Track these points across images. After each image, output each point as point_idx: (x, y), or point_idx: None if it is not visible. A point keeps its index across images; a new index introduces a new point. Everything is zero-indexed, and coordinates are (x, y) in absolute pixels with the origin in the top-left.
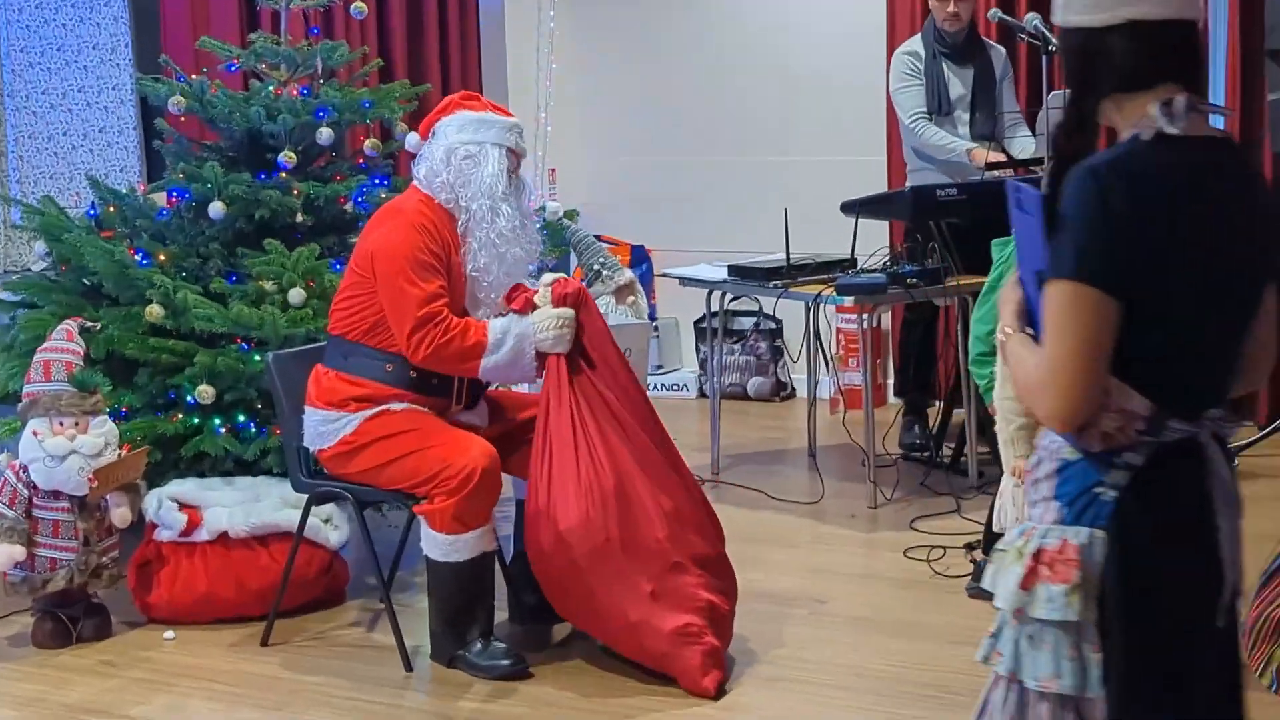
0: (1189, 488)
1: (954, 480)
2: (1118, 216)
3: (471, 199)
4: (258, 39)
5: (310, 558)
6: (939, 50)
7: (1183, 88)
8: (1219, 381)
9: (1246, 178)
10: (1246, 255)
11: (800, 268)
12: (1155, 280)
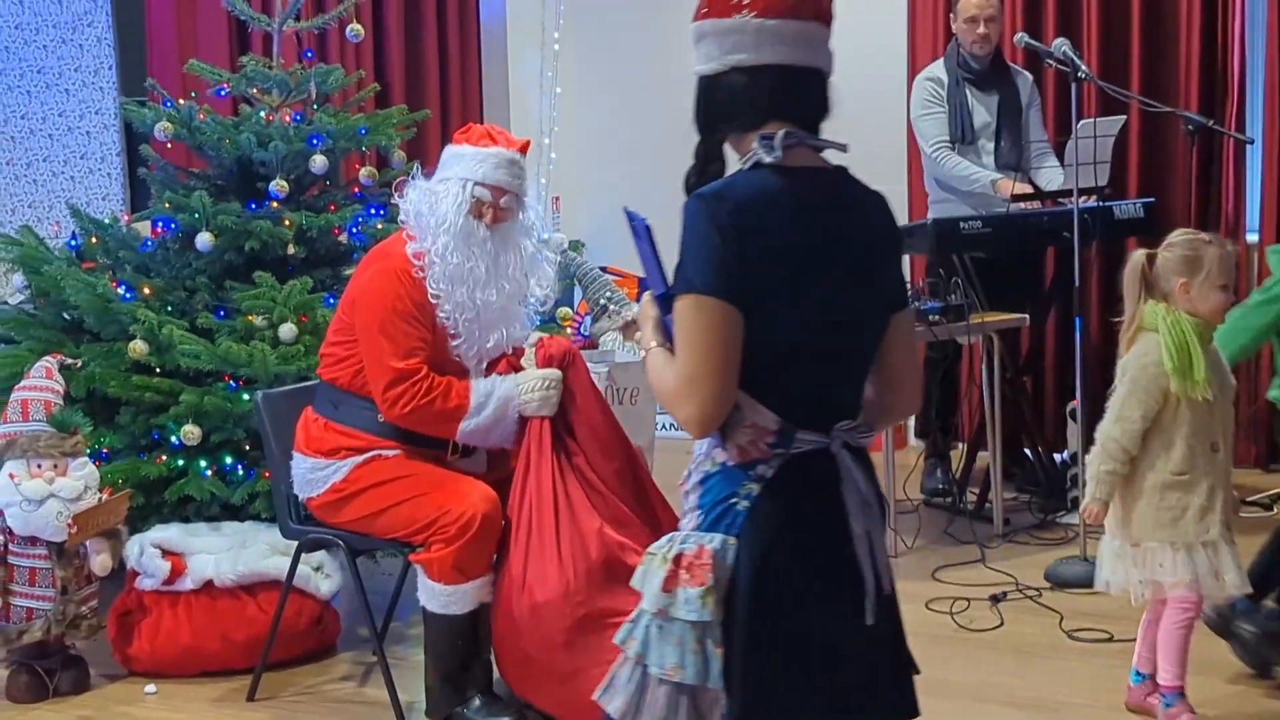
0: (821, 495)
1: (978, 528)
2: (723, 236)
3: (425, 240)
4: (249, 62)
5: (300, 608)
6: (963, 76)
7: (792, 124)
8: (844, 397)
9: (855, 208)
10: (855, 281)
11: None
12: (761, 298)
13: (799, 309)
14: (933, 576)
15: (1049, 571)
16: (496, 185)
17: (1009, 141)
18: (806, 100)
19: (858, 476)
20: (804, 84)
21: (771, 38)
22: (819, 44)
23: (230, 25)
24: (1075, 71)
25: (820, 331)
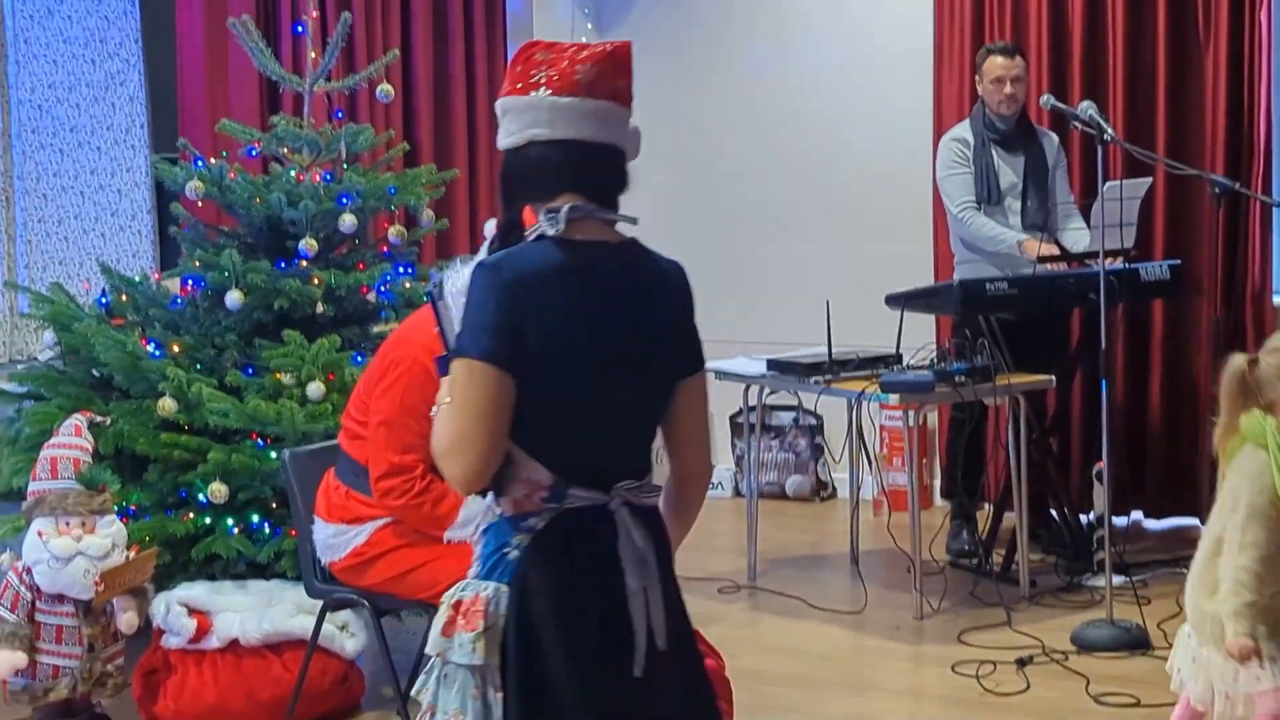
0: (594, 550)
1: (1004, 590)
2: (498, 304)
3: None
4: (280, 122)
5: (325, 667)
6: (989, 137)
7: (585, 197)
8: (626, 459)
9: (642, 279)
10: (637, 349)
11: (843, 363)
12: (536, 361)
13: (574, 374)
14: (958, 639)
15: (1076, 634)
16: None
17: (1035, 202)
18: (599, 174)
19: (636, 534)
20: (597, 159)
21: (565, 114)
22: (614, 122)
23: (261, 85)
24: (1101, 134)
25: (597, 396)
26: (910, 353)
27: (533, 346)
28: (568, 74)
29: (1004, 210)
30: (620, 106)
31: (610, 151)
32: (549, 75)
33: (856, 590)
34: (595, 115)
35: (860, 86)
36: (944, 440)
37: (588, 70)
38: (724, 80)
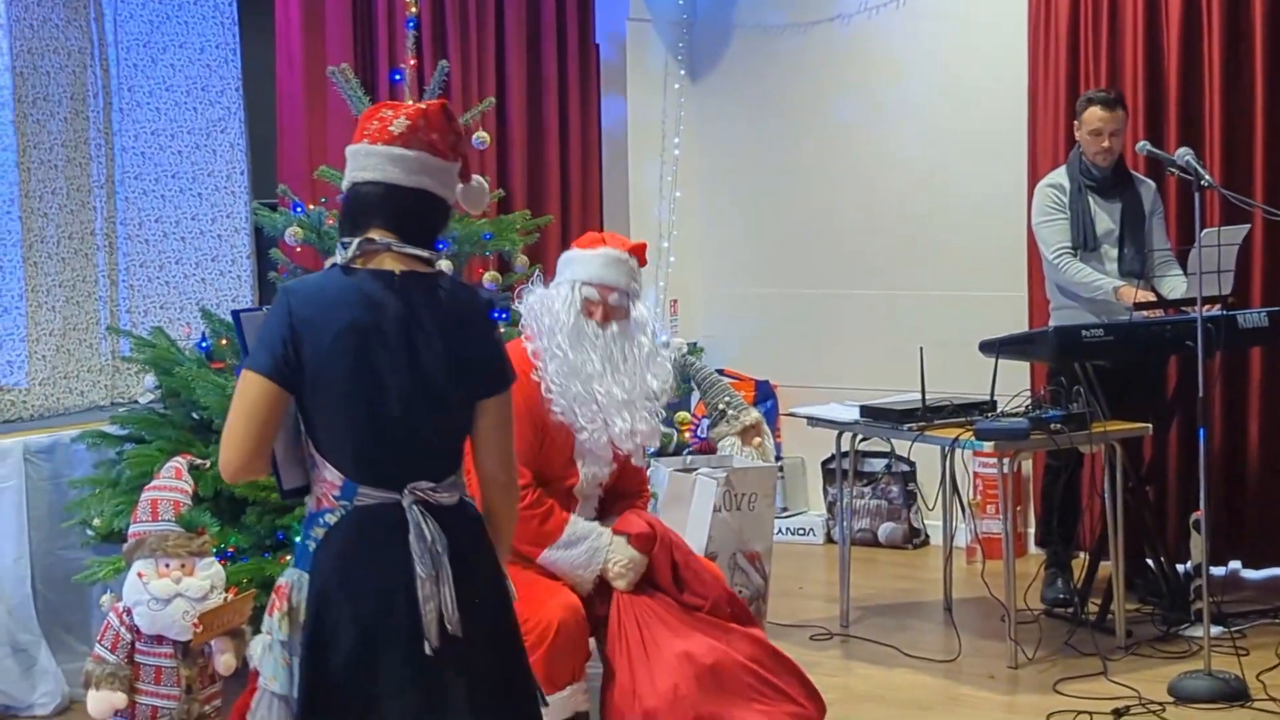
0: (385, 542)
1: (1100, 640)
2: (282, 324)
3: (541, 339)
4: None
5: None
6: (1085, 183)
7: (393, 233)
8: (420, 463)
9: (434, 305)
10: (424, 368)
11: (936, 410)
12: (311, 376)
13: (346, 389)
14: (1054, 689)
15: (1173, 685)
16: (603, 284)
17: (1132, 249)
18: (408, 214)
19: (427, 529)
20: (406, 200)
21: (379, 160)
22: (429, 171)
23: None
24: (1198, 180)
25: (372, 410)
26: (1004, 399)
27: (308, 364)
28: (384, 127)
29: (1100, 257)
30: (435, 157)
31: (422, 195)
32: (375, 128)
33: (950, 638)
34: (405, 162)
35: (952, 130)
36: (1039, 488)
37: (401, 124)
38: (814, 125)
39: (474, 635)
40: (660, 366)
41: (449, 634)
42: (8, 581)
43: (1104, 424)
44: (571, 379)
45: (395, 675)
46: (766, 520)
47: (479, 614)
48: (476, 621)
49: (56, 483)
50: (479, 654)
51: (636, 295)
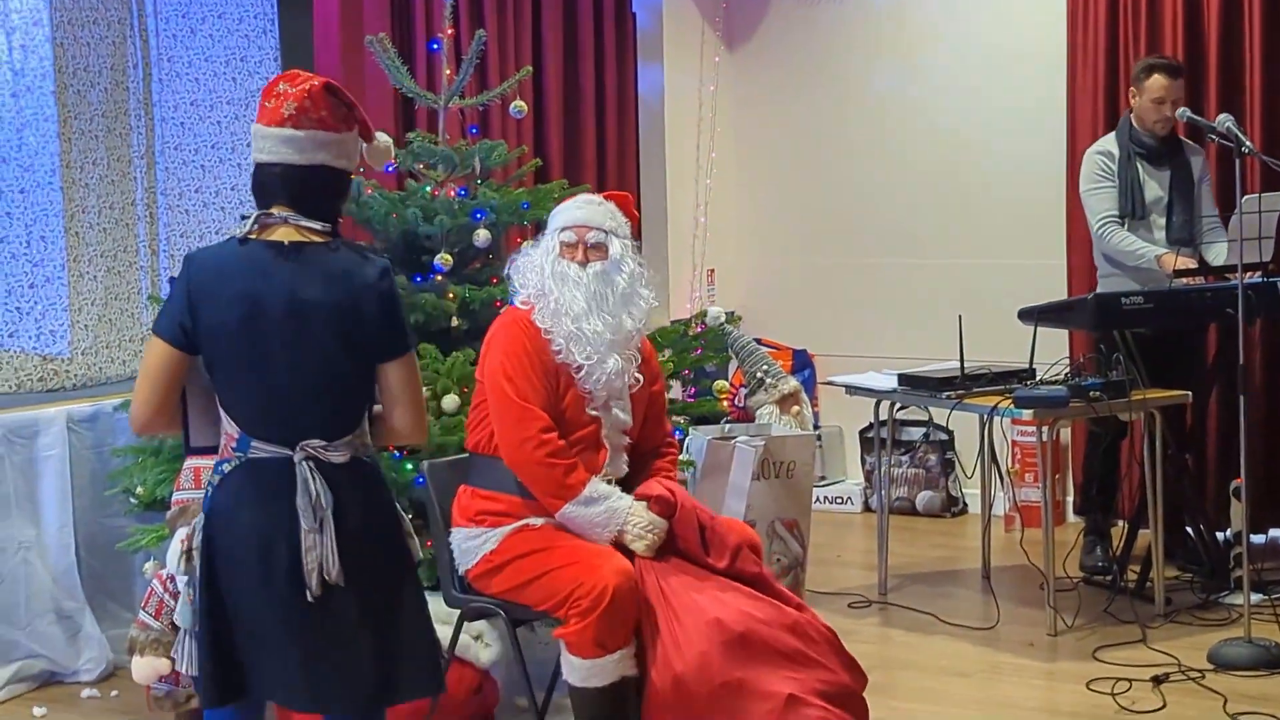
0: (274, 493)
1: (1139, 607)
2: (181, 291)
3: (528, 288)
4: (415, 138)
5: (460, 676)
6: (1135, 151)
7: (292, 208)
8: (312, 422)
9: (329, 274)
10: (314, 333)
11: (975, 378)
12: (206, 339)
13: (236, 351)
14: (1093, 656)
15: (1213, 653)
16: (578, 224)
17: (1181, 217)
18: (305, 190)
19: (314, 484)
20: (302, 177)
21: (273, 142)
22: (323, 146)
23: (396, 102)
24: (1239, 147)
25: (260, 371)
26: (1044, 368)
27: (203, 328)
28: (277, 109)
29: (1149, 225)
30: (327, 132)
31: (317, 170)
32: (269, 109)
33: (989, 606)
34: (297, 142)
35: (991, 98)
36: (1079, 456)
37: (290, 107)
38: (852, 93)
39: (360, 584)
40: (637, 307)
41: (331, 583)
42: (52, 549)
43: (1143, 392)
44: (562, 318)
45: (277, 615)
46: (805, 488)
47: (363, 566)
48: (362, 572)
49: (99, 451)
50: (363, 602)
51: (617, 235)
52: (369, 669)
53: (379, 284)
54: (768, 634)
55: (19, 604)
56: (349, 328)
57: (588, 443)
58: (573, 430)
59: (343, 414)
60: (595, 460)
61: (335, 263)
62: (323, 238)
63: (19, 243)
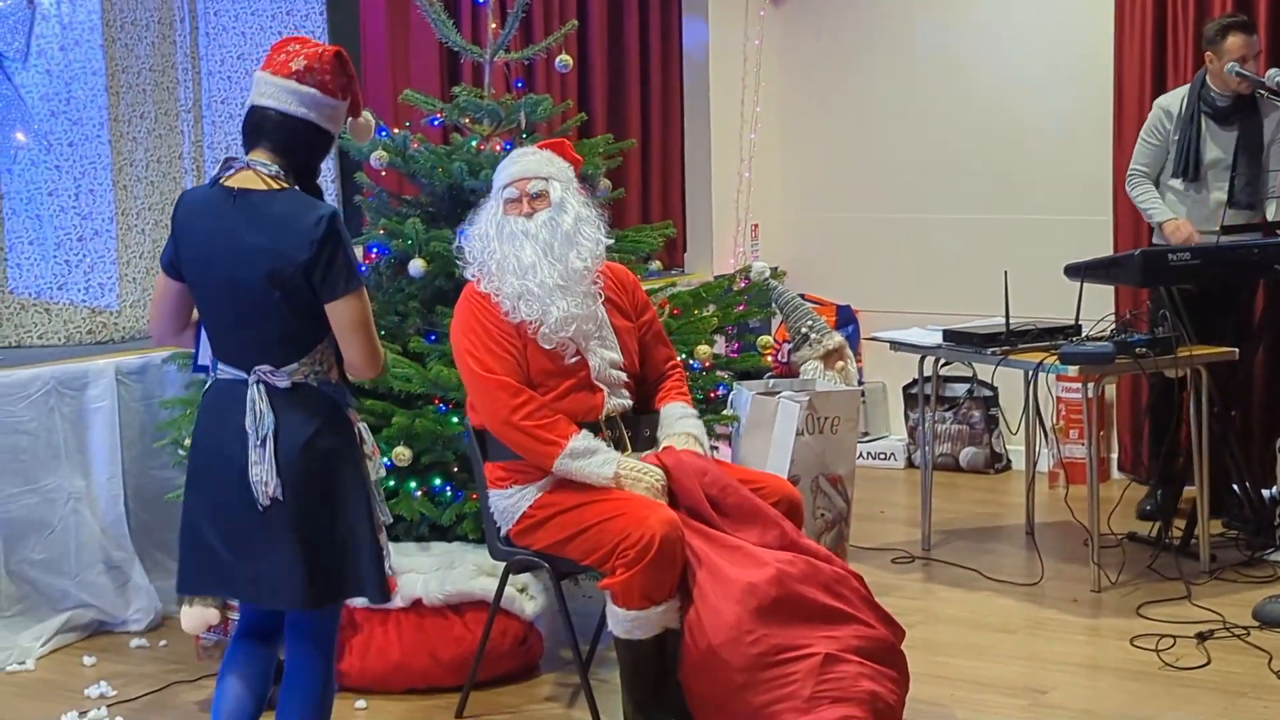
0: (232, 410)
1: (1184, 564)
2: (174, 226)
3: (475, 257)
4: (461, 92)
5: (505, 629)
6: (1202, 109)
7: (272, 154)
8: (261, 349)
9: (277, 218)
10: (260, 271)
11: (1020, 334)
12: (186, 272)
13: (201, 284)
14: (1137, 612)
15: (1257, 610)
16: (515, 178)
17: (1244, 178)
18: (289, 140)
19: (261, 406)
20: (291, 127)
21: (272, 88)
22: (316, 106)
23: (442, 56)
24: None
25: (216, 303)
26: (1089, 324)
27: (182, 260)
28: (286, 62)
29: (1205, 186)
30: (325, 95)
31: (308, 126)
32: (279, 61)
33: (1032, 562)
34: (296, 94)
35: (1037, 52)
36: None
37: (300, 63)
38: (898, 48)
39: (299, 496)
40: (583, 246)
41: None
42: (101, 500)
43: (1190, 349)
44: (507, 276)
45: (230, 518)
46: (849, 444)
47: (302, 481)
48: (301, 486)
49: (148, 403)
50: (302, 512)
51: (556, 179)
52: (304, 571)
53: (314, 230)
54: (802, 593)
55: (69, 554)
56: (278, 268)
57: (580, 387)
58: (561, 380)
59: (284, 345)
60: (594, 401)
61: (275, 209)
62: (278, 185)
63: (68, 196)
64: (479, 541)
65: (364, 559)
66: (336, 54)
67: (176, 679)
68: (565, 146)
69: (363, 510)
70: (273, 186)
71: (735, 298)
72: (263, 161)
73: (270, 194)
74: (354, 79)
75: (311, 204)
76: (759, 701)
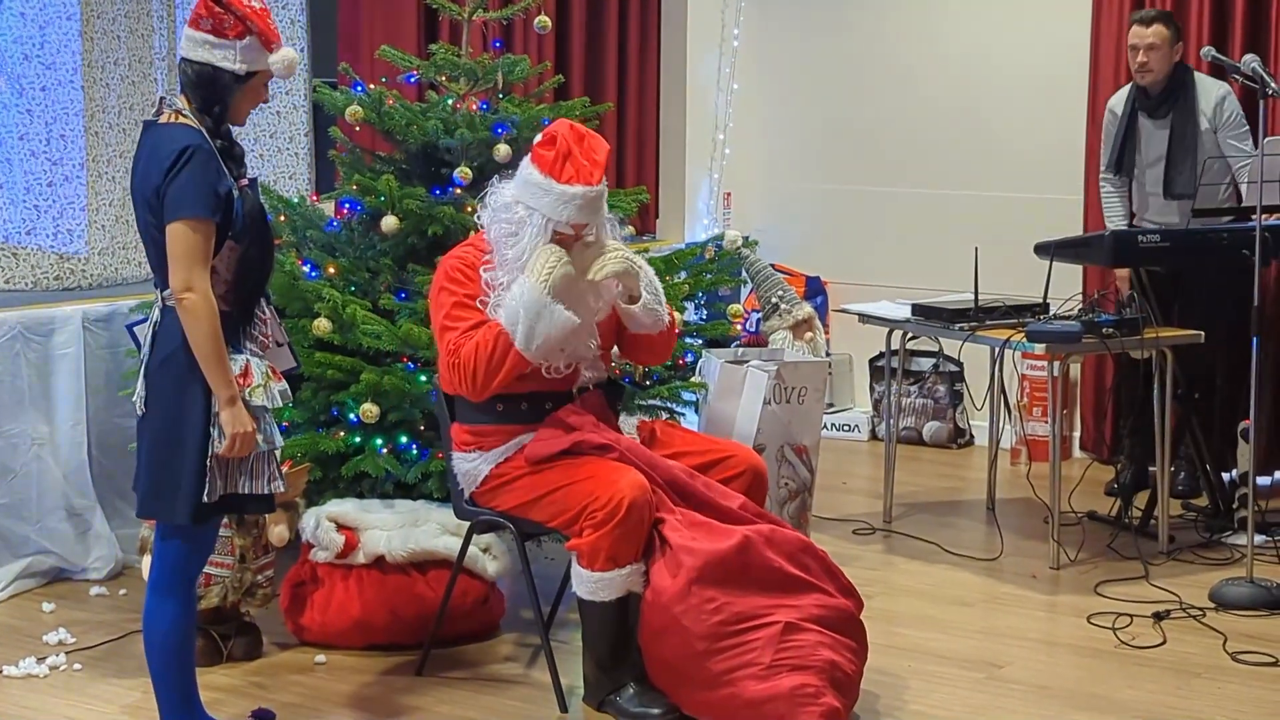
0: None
1: (1143, 544)
2: None
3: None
4: (438, 50)
5: (466, 588)
6: (1139, 104)
7: (183, 93)
8: (157, 271)
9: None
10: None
11: (988, 311)
12: None
13: (135, 212)
14: (1095, 591)
15: (1214, 592)
16: (578, 223)
17: (1181, 170)
18: (195, 79)
19: (147, 327)
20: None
21: (185, 41)
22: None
23: (420, 13)
24: (1265, 88)
25: (140, 227)
26: (1057, 303)
27: None
28: (194, 10)
29: (1140, 182)
30: (216, 36)
31: (201, 66)
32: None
33: (992, 538)
34: (191, 39)
35: (1013, 30)
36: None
37: (192, 12)
38: (874, 20)
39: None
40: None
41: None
42: (64, 447)
43: (1155, 330)
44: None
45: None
46: (815, 415)
47: (154, 395)
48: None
49: (114, 351)
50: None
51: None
52: (141, 480)
53: (169, 158)
54: (767, 560)
55: (30, 500)
56: (148, 195)
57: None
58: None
59: (163, 268)
60: (571, 377)
61: (155, 139)
62: (176, 119)
63: (39, 140)
64: (444, 500)
65: (185, 480)
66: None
67: (135, 628)
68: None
69: (197, 434)
70: (172, 121)
71: (707, 265)
72: (172, 100)
73: (161, 127)
74: (246, 16)
75: (180, 136)
76: (719, 669)
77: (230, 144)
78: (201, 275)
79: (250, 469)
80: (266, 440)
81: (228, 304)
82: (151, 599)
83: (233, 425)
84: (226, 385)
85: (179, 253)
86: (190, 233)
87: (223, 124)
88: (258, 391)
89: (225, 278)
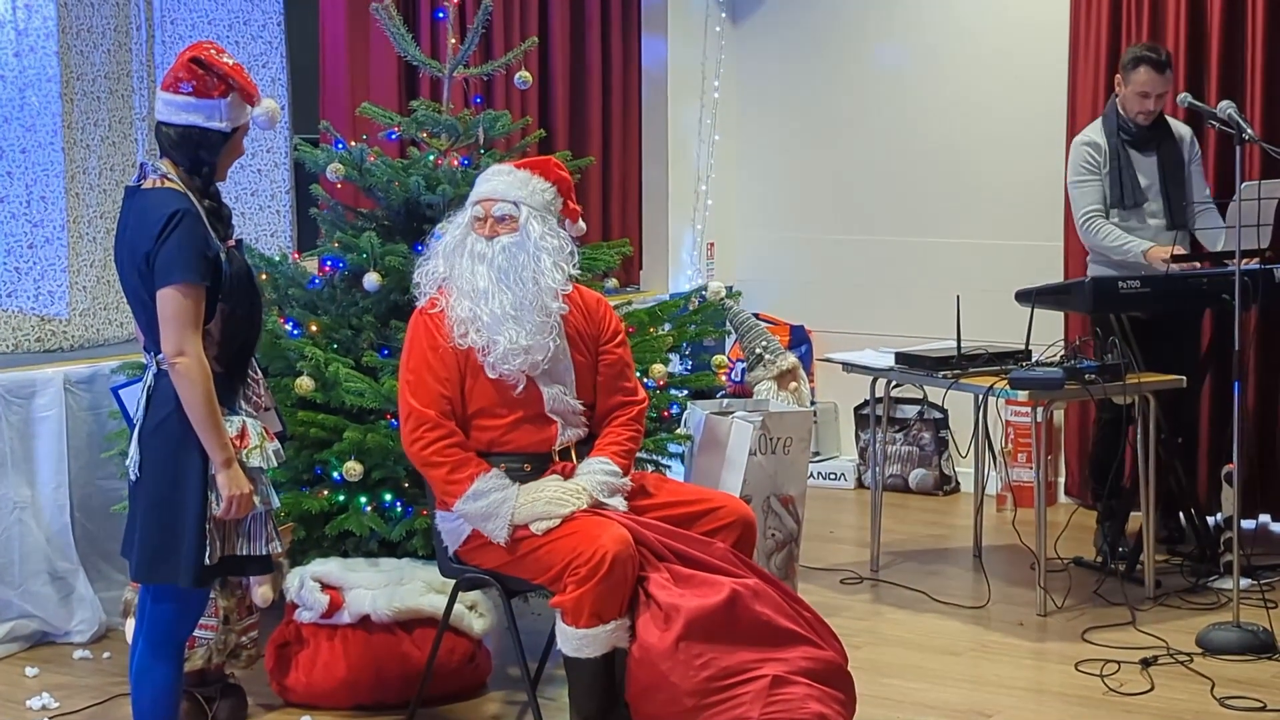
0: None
1: (1129, 590)
2: None
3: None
4: (419, 106)
5: (453, 646)
6: (1123, 139)
7: (168, 158)
8: (147, 335)
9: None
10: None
11: (971, 358)
12: None
13: (121, 278)
14: (1082, 637)
15: (1201, 637)
16: (484, 198)
17: (1175, 200)
18: (178, 142)
19: (151, 383)
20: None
21: (160, 105)
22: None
23: (401, 70)
24: (1240, 133)
25: (127, 293)
26: (1039, 349)
27: None
28: (168, 75)
29: (1142, 214)
30: (198, 98)
31: (188, 130)
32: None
33: (979, 585)
34: (169, 103)
35: (993, 80)
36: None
37: (170, 75)
38: (854, 70)
39: (147, 474)
40: (545, 275)
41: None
42: (47, 510)
43: (1138, 376)
44: (461, 299)
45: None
46: (801, 465)
47: (151, 460)
48: (149, 465)
49: (96, 413)
50: (146, 490)
51: (527, 203)
52: (137, 545)
53: (155, 224)
54: (755, 614)
55: (13, 564)
56: (137, 261)
57: (532, 419)
58: (510, 410)
59: (154, 331)
60: (547, 433)
61: (142, 204)
62: (161, 184)
63: (19, 202)
64: (429, 558)
65: (185, 544)
66: (192, 59)
67: (120, 691)
68: (550, 165)
69: (191, 494)
70: (156, 185)
71: (691, 317)
72: (156, 166)
73: (147, 192)
74: (227, 75)
75: (168, 202)
76: None
77: (219, 205)
78: (194, 339)
79: (247, 530)
80: (263, 501)
81: (219, 364)
82: (142, 661)
83: (230, 487)
84: (222, 448)
85: (170, 318)
86: (181, 298)
87: (211, 184)
88: (254, 453)
89: (215, 338)
